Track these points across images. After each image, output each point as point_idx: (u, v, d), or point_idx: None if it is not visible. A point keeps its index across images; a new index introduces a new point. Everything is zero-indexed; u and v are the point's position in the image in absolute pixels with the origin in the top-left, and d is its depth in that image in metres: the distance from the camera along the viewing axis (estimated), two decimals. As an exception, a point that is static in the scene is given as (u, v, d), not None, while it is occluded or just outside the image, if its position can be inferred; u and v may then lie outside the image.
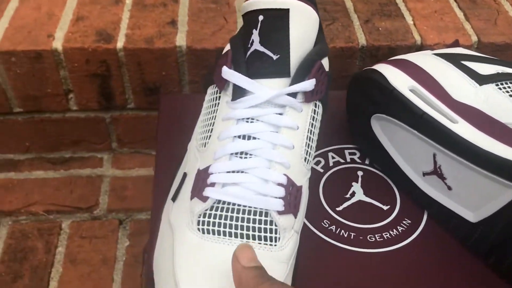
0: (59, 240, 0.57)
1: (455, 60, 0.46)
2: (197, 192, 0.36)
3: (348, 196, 0.47)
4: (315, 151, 0.50)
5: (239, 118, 0.37)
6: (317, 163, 0.49)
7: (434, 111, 0.41)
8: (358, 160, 0.50)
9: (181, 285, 0.32)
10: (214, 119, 0.39)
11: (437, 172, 0.43)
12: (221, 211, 0.35)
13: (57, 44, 0.55)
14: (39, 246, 0.57)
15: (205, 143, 0.39)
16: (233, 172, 0.36)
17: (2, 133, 0.63)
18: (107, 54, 0.56)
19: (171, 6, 0.61)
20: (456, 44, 0.53)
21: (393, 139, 0.46)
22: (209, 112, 0.40)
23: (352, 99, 0.49)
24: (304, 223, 0.44)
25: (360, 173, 0.49)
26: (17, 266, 0.55)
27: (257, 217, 0.35)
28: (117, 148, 0.66)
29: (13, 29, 0.57)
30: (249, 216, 0.35)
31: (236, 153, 0.37)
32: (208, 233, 0.35)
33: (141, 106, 0.61)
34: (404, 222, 0.45)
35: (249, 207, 0.35)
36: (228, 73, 0.38)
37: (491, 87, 0.43)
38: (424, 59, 0.46)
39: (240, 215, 0.35)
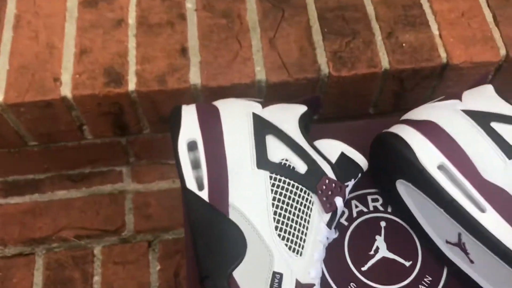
0: (94, 268, 0.61)
1: (485, 122, 0.45)
2: None
3: (372, 253, 0.49)
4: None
5: (324, 246, 0.43)
6: (341, 214, 0.51)
7: (463, 197, 0.41)
8: (380, 208, 0.51)
9: None
10: (307, 228, 0.41)
11: (460, 246, 0.44)
12: None
13: (66, 91, 0.53)
14: (76, 276, 0.60)
15: (297, 249, 0.40)
16: None
17: (19, 160, 0.63)
18: (119, 98, 0.53)
19: (178, 26, 0.56)
20: (483, 79, 0.51)
21: (418, 205, 0.47)
22: (297, 209, 0.41)
23: (376, 159, 0.49)
24: (331, 286, 0.47)
25: (383, 223, 0.50)
26: (59, 298, 0.59)
27: None
28: (135, 162, 0.66)
29: (15, 71, 0.54)
30: None
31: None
32: None
33: (157, 131, 0.60)
34: (425, 279, 0.48)
35: None
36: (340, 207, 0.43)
37: (520, 163, 0.43)
38: (453, 123, 0.45)
39: None
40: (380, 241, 0.49)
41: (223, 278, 0.36)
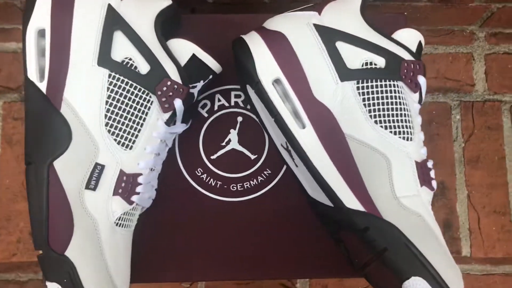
0: (-5, 121, 0.66)
1: (330, 39, 0.46)
2: (125, 194, 0.44)
3: (224, 144, 0.54)
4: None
5: (164, 140, 0.48)
6: (204, 106, 0.54)
7: (288, 113, 0.45)
8: (241, 104, 0.55)
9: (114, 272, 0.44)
10: (141, 126, 0.45)
11: (289, 151, 0.49)
12: (131, 213, 0.46)
13: None
14: (-22, 126, 0.66)
15: (127, 144, 0.44)
16: (148, 183, 0.47)
17: None
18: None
19: None
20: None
21: (262, 110, 0.50)
22: (133, 107, 0.44)
23: (236, 59, 0.50)
24: (181, 171, 0.53)
25: (239, 118, 0.54)
26: (-38, 145, 0.65)
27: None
28: (38, 23, 0.67)
29: None
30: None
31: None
32: (120, 226, 0.45)
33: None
34: (265, 172, 0.53)
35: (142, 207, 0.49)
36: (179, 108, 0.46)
37: (350, 86, 0.45)
38: (300, 38, 0.46)
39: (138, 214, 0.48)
40: (233, 134, 0.54)
41: (44, 166, 0.41)
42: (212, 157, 0.54)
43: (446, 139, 0.68)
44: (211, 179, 0.53)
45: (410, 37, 0.49)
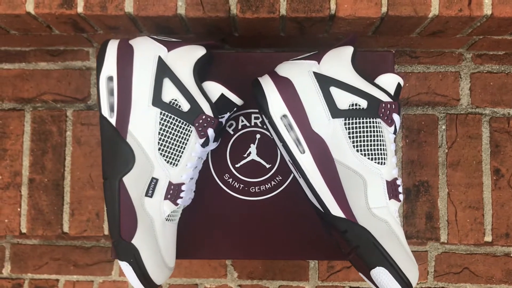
0: (66, 126, 0.83)
1: (325, 85, 0.60)
2: (172, 198, 0.61)
3: (245, 155, 0.70)
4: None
5: (200, 157, 0.63)
6: (230, 125, 0.70)
7: (292, 141, 0.60)
8: (259, 124, 0.70)
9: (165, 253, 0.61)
10: (184, 148, 0.61)
11: (293, 166, 0.64)
12: (176, 210, 0.63)
13: (30, 8, 0.68)
14: (54, 130, 0.83)
15: (174, 162, 0.61)
16: (189, 189, 0.63)
17: (5, 39, 0.80)
18: (71, 16, 0.68)
19: (120, -46, 0.68)
20: (352, 40, 0.63)
21: (273, 135, 0.65)
22: (177, 136, 0.60)
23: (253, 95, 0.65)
24: (212, 176, 0.69)
25: (258, 135, 0.70)
26: (42, 144, 0.83)
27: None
28: (98, 46, 0.83)
29: (-9, -17, 0.68)
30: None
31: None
32: (169, 220, 0.62)
33: (110, 32, 0.76)
34: (277, 178, 0.69)
35: (184, 205, 0.65)
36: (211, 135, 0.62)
37: (339, 122, 0.60)
38: (303, 83, 0.60)
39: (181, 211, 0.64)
40: (252, 148, 0.70)
41: (116, 181, 0.58)
42: (236, 166, 0.69)
43: (432, 145, 0.82)
44: (236, 183, 0.69)
45: (390, 80, 0.62)
